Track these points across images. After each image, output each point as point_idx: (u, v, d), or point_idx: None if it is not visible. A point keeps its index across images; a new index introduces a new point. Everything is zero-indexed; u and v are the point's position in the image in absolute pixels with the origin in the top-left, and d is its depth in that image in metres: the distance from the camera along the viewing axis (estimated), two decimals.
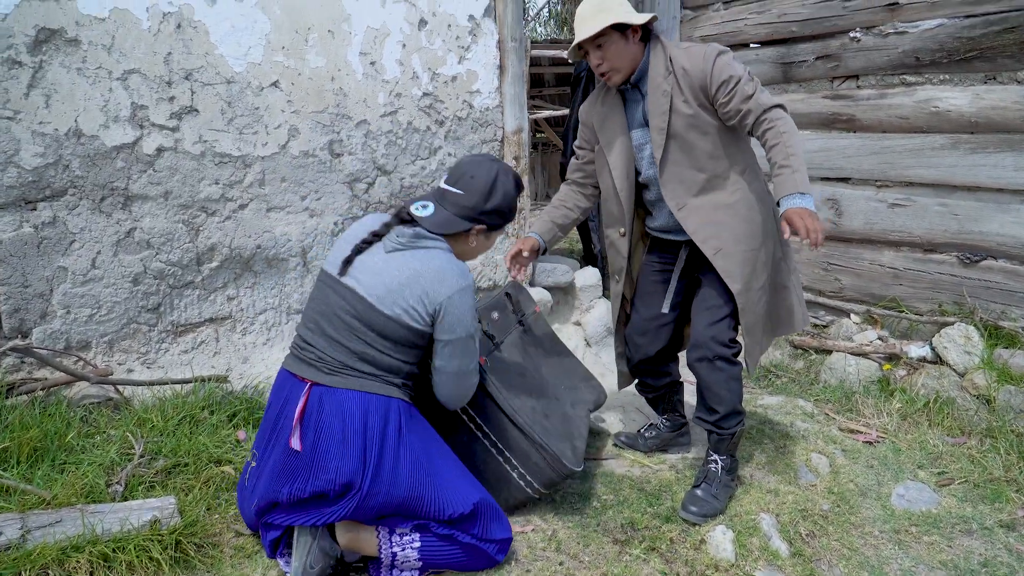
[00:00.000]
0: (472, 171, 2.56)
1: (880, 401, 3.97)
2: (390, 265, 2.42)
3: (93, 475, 2.64)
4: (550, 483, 2.85)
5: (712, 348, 2.92)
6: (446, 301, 2.40)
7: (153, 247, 3.25)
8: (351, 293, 2.42)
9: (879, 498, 3.24)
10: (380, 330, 2.39)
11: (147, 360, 3.31)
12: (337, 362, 2.41)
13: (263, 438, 2.51)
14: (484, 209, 2.56)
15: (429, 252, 2.45)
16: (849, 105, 4.41)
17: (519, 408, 2.82)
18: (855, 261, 4.57)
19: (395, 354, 2.43)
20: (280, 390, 2.51)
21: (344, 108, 3.65)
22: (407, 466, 2.40)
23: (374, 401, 2.39)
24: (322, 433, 2.36)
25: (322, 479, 2.32)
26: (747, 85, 2.68)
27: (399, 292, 2.38)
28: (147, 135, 3.16)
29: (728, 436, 3.02)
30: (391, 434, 2.40)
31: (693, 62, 2.75)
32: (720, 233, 2.87)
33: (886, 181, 4.34)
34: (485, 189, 2.55)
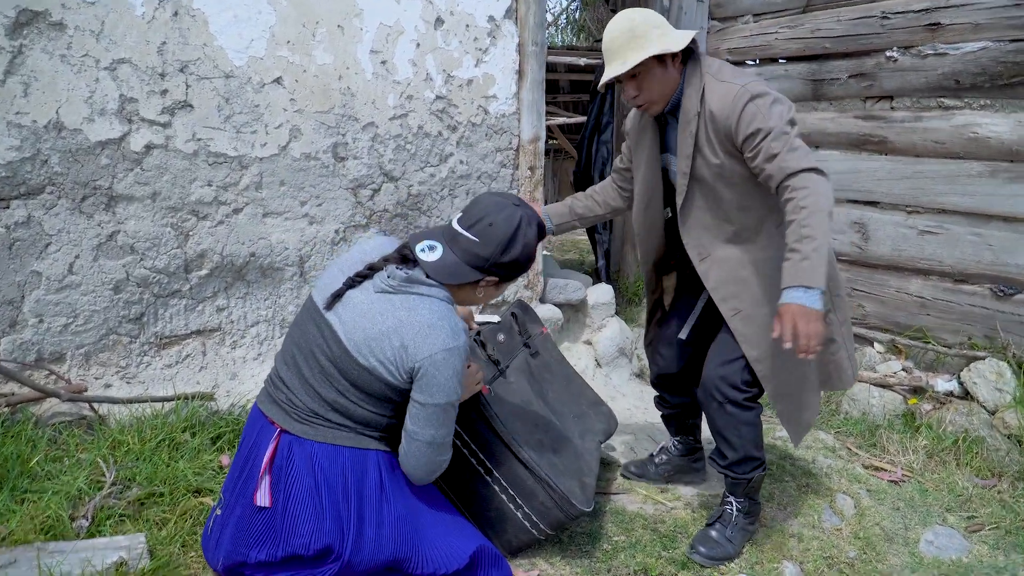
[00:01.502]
0: (492, 216, 2.21)
1: (905, 437, 3.85)
2: (374, 308, 2.12)
3: (57, 506, 2.40)
4: (557, 524, 2.64)
5: (722, 390, 2.69)
6: (427, 361, 2.08)
7: (137, 252, 3.01)
8: (330, 331, 2.14)
9: (907, 544, 3.11)
10: (353, 380, 2.13)
11: (127, 375, 3.07)
12: (308, 409, 2.16)
13: (230, 483, 2.27)
14: (500, 261, 2.23)
15: (421, 300, 2.14)
16: (881, 126, 4.26)
17: (524, 442, 2.61)
18: (880, 288, 4.42)
19: (369, 407, 2.17)
20: (251, 430, 2.26)
21: (351, 109, 3.42)
22: (391, 526, 2.17)
23: (348, 455, 2.15)
24: (293, 488, 2.12)
25: (295, 543, 2.09)
26: (775, 142, 2.33)
27: (377, 341, 2.09)
28: (136, 131, 2.93)
29: (743, 481, 2.82)
30: (370, 492, 2.16)
31: (723, 107, 2.42)
32: (741, 293, 2.62)
33: (917, 207, 4.19)
34: (504, 240, 2.21)
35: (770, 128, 2.33)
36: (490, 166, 3.91)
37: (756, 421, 2.77)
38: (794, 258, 2.25)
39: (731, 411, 2.71)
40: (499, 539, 2.63)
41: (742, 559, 2.80)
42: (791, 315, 2.23)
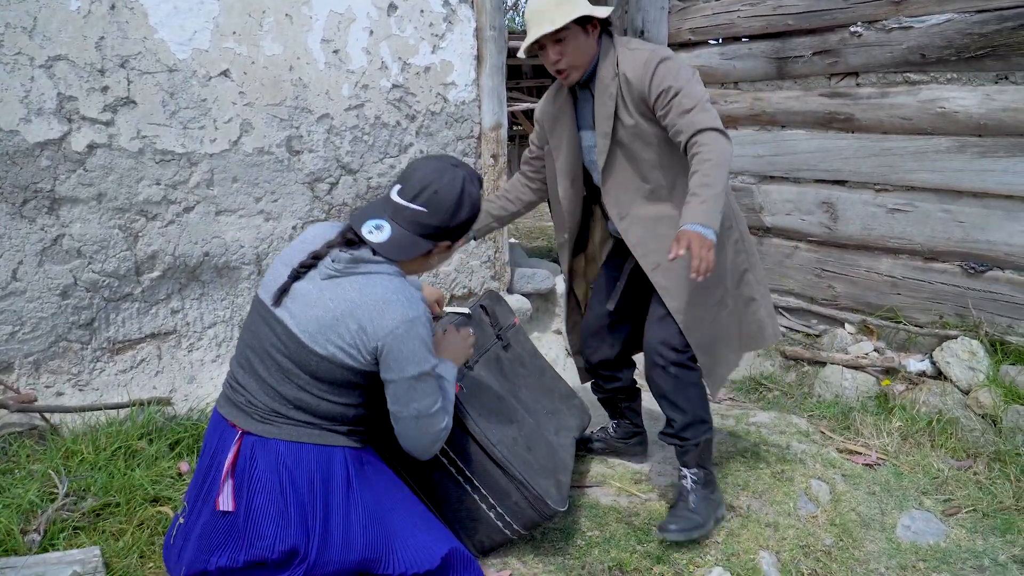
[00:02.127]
0: (435, 183, 2.14)
1: (879, 419, 3.81)
2: (324, 296, 2.05)
3: (7, 521, 2.30)
4: (531, 524, 2.58)
5: (662, 353, 2.73)
6: (389, 337, 2.02)
7: (85, 256, 2.90)
8: (282, 328, 2.06)
9: (883, 530, 3.08)
10: (313, 372, 2.05)
11: (79, 382, 2.97)
12: (268, 408, 2.09)
13: (194, 491, 2.19)
14: (450, 226, 2.18)
15: (370, 279, 2.07)
16: (848, 104, 4.21)
17: (498, 441, 2.53)
18: (850, 268, 4.39)
19: (334, 398, 2.10)
20: (212, 436, 2.19)
21: (304, 101, 3.32)
22: (359, 526, 2.10)
23: (313, 453, 2.08)
24: (256, 491, 2.04)
25: (258, 546, 2.01)
26: (685, 99, 2.43)
27: (332, 328, 2.02)
28: (76, 130, 2.82)
29: (693, 447, 2.82)
30: (337, 491, 2.09)
31: (635, 69, 2.54)
32: (661, 248, 2.64)
33: (886, 185, 4.16)
34: (452, 205, 2.15)
35: (680, 87, 2.45)
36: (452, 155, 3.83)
37: (699, 382, 2.81)
38: (694, 201, 2.33)
39: (675, 373, 2.73)
40: (471, 539, 2.56)
41: (718, 550, 2.76)
42: (687, 237, 2.29)
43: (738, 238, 2.81)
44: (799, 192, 4.48)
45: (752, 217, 4.69)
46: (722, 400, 4.17)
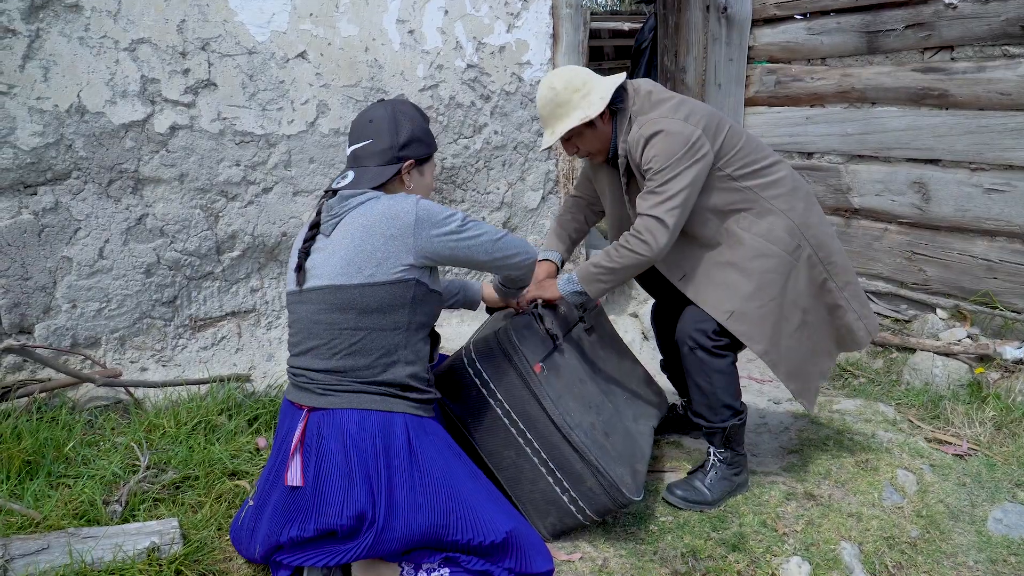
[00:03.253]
0: (367, 116, 2.34)
1: (971, 408, 3.64)
2: (335, 243, 2.17)
3: (91, 491, 2.39)
4: (604, 511, 2.54)
5: (693, 336, 2.76)
6: (415, 223, 2.15)
7: (167, 235, 2.98)
8: (317, 292, 2.17)
9: (973, 522, 2.95)
10: (360, 305, 2.13)
11: (162, 358, 3.05)
12: (331, 377, 2.15)
13: (266, 477, 2.24)
14: (400, 143, 2.31)
15: (364, 205, 2.20)
16: (942, 79, 4.02)
17: (576, 424, 2.50)
18: (943, 251, 4.20)
19: (385, 325, 2.16)
20: (282, 424, 2.26)
21: (379, 81, 3.33)
22: (424, 493, 2.10)
23: (375, 419, 2.12)
24: (323, 463, 2.08)
25: (328, 515, 2.03)
26: (651, 182, 2.55)
27: (358, 256, 2.13)
28: (159, 112, 2.88)
29: (717, 430, 2.84)
30: (399, 456, 2.11)
31: (633, 146, 2.61)
32: (729, 295, 2.71)
33: (982, 163, 3.97)
34: (389, 123, 2.31)
35: (657, 168, 2.53)
36: (526, 135, 3.79)
37: (728, 370, 2.81)
38: (594, 258, 2.63)
39: (700, 356, 2.76)
40: (542, 522, 2.55)
41: (796, 539, 2.67)
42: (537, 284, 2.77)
43: (810, 253, 2.78)
44: (889, 172, 4.31)
45: (839, 198, 4.53)
46: None
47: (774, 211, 2.73)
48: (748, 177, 2.71)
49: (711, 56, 4.90)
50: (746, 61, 4.78)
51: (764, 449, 3.26)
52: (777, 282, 2.72)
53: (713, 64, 4.90)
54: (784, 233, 2.73)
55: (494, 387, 2.51)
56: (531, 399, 2.49)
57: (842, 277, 2.84)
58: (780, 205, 2.74)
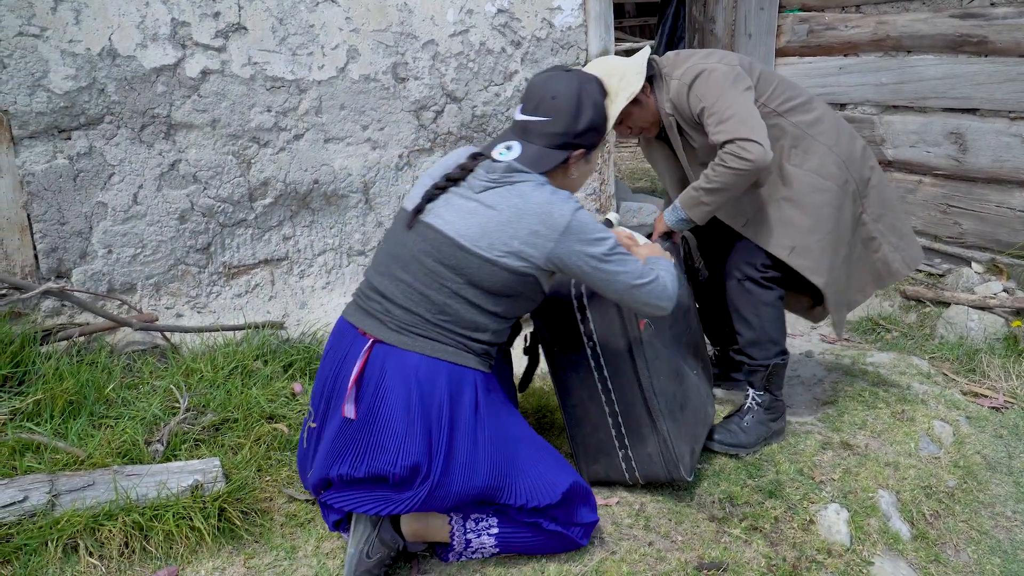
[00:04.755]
0: (550, 90, 2.15)
1: (1008, 361, 3.62)
2: (485, 203, 2.04)
3: (132, 432, 2.40)
4: (653, 479, 2.53)
5: (741, 268, 2.81)
6: (565, 232, 2.02)
7: (200, 181, 2.96)
8: (436, 234, 2.05)
9: (1011, 473, 2.95)
10: (472, 276, 2.03)
11: (197, 304, 3.06)
12: (410, 317, 2.05)
13: (320, 395, 2.16)
14: (578, 131, 2.16)
15: (527, 186, 2.06)
16: (981, 25, 3.92)
17: (660, 391, 2.44)
18: (979, 203, 4.14)
19: (485, 305, 2.06)
20: (339, 344, 2.15)
21: (409, 26, 3.28)
22: (486, 451, 2.05)
23: (446, 371, 2.02)
24: (383, 402, 2.01)
25: (381, 460, 1.98)
26: (712, 116, 2.51)
27: (499, 232, 2.01)
28: (190, 56, 2.85)
29: (760, 368, 2.85)
30: (464, 413, 2.03)
31: (677, 101, 2.63)
32: (789, 231, 2.72)
33: (1022, 112, 3.88)
34: (572, 107, 2.14)
35: (709, 104, 2.52)
36: None
37: (775, 303, 2.83)
38: (691, 187, 2.61)
39: (749, 287, 2.79)
40: (587, 467, 2.54)
41: (834, 487, 2.66)
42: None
43: (854, 188, 2.80)
44: (925, 122, 4.23)
45: (873, 150, 4.44)
46: (836, 340, 4.02)
47: (822, 146, 2.73)
48: (792, 113, 2.70)
49: (741, 5, 4.81)
50: (777, 10, 4.68)
51: (798, 400, 3.24)
52: (832, 216, 2.73)
53: (743, 13, 4.80)
54: (835, 167, 2.73)
55: (593, 328, 2.42)
56: (626, 354, 2.42)
57: (875, 209, 2.85)
58: (826, 140, 2.73)
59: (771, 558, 2.32)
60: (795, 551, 2.35)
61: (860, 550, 2.42)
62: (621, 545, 2.30)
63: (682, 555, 2.29)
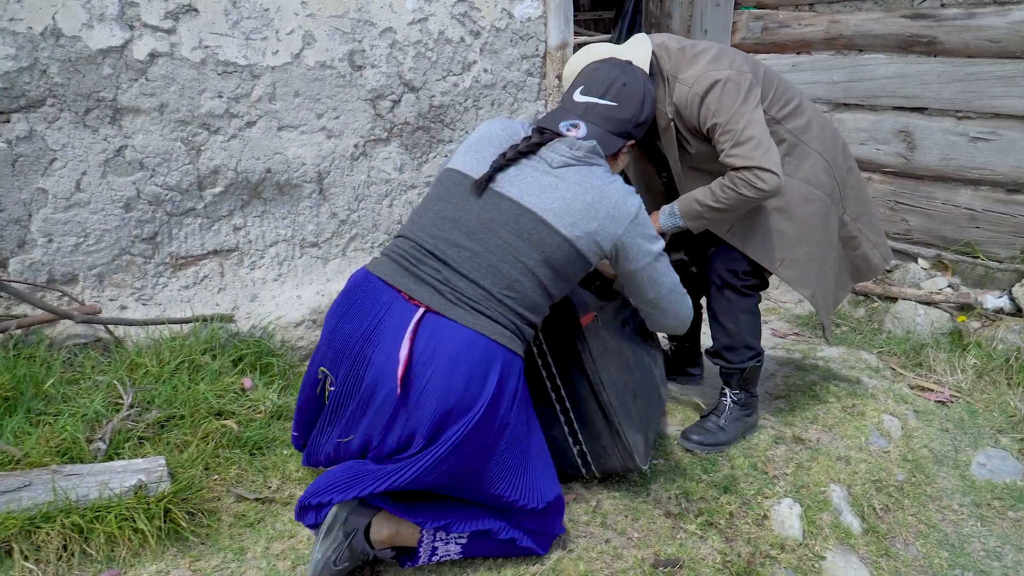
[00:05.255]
0: (620, 77, 2.19)
1: (953, 356, 3.70)
2: (567, 179, 2.02)
3: (73, 429, 2.31)
4: (609, 471, 2.54)
5: (722, 275, 2.78)
6: (634, 222, 2.06)
7: (147, 168, 2.86)
8: (514, 205, 1.97)
9: (957, 467, 3.02)
10: (550, 254, 1.98)
11: (143, 296, 2.95)
12: (474, 290, 1.93)
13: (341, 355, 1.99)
14: (639, 121, 2.22)
15: (602, 170, 2.09)
16: (931, 26, 3.98)
17: (609, 382, 2.42)
18: (926, 200, 4.22)
19: (551, 286, 2.02)
20: (372, 302, 1.98)
21: (367, 13, 3.21)
22: (507, 442, 2.00)
23: (502, 356, 1.93)
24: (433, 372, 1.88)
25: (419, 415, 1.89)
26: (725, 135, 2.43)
27: (583, 212, 1.99)
28: (138, 37, 2.75)
29: (736, 371, 2.87)
30: (505, 402, 1.95)
31: (684, 105, 2.51)
32: (777, 243, 2.70)
33: (968, 112, 3.96)
34: (640, 97, 2.20)
35: (724, 121, 2.43)
36: (516, 75, 3.70)
37: (754, 310, 2.84)
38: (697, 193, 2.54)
39: (728, 295, 2.79)
40: None
41: (787, 482, 2.69)
42: None
43: (839, 194, 2.80)
44: (875, 120, 4.29)
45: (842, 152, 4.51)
46: (787, 335, 4.07)
47: (812, 152, 2.71)
48: (788, 119, 2.67)
49: (697, 1, 4.81)
50: (733, 7, 4.70)
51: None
52: (820, 226, 2.73)
53: (699, 9, 4.81)
54: (824, 176, 2.72)
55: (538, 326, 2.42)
56: (572, 350, 2.41)
57: (854, 209, 2.86)
58: (817, 145, 2.72)
59: (726, 554, 2.33)
60: (749, 547, 2.37)
61: (813, 545, 2.45)
62: (578, 543, 2.29)
63: (639, 552, 2.28)
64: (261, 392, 2.71)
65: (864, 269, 3.00)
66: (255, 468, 2.47)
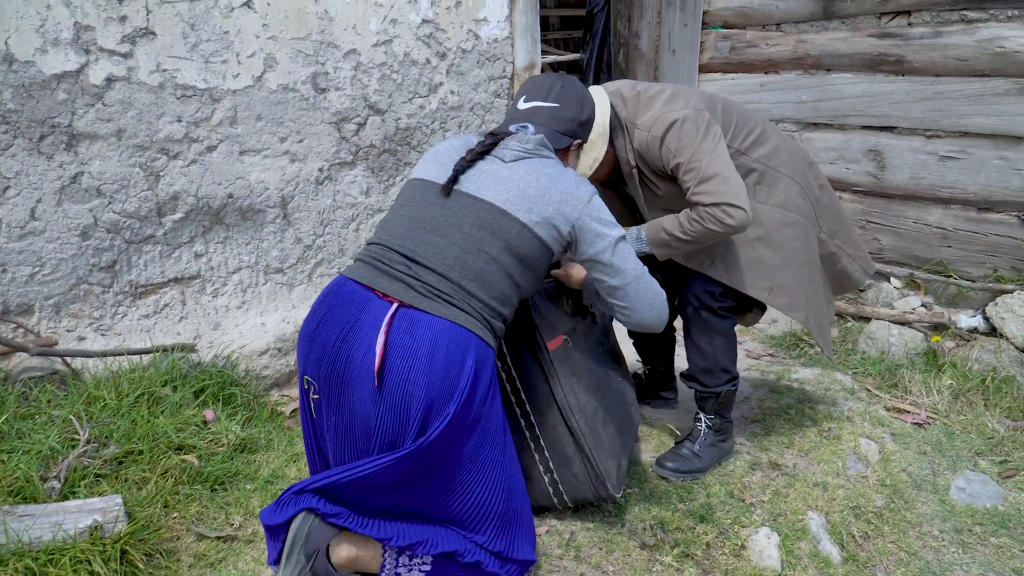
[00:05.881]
0: (557, 82, 2.33)
1: (928, 377, 3.66)
2: (519, 171, 2.10)
3: (27, 467, 2.21)
4: (581, 500, 2.46)
5: (700, 297, 2.73)
6: (588, 206, 2.10)
7: (105, 195, 2.78)
8: (474, 200, 2.05)
9: (936, 491, 2.97)
10: (511, 241, 2.03)
11: (101, 327, 2.86)
12: (443, 283, 1.96)
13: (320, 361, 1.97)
14: (581, 120, 2.34)
15: (552, 161, 2.18)
16: (898, 45, 3.98)
17: (578, 408, 2.37)
18: (897, 219, 4.21)
19: (516, 275, 2.05)
20: (347, 305, 1.98)
21: (330, 35, 3.16)
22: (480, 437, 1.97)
23: (476, 345, 1.94)
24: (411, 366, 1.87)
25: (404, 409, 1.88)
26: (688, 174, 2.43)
27: (537, 198, 2.06)
28: (94, 62, 2.67)
29: (711, 395, 2.82)
30: (481, 391, 1.94)
31: (645, 146, 2.53)
32: (763, 271, 2.67)
33: (937, 131, 3.96)
34: (579, 97, 2.34)
35: (685, 160, 2.43)
36: (483, 96, 3.66)
37: (730, 333, 2.80)
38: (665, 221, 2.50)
39: (705, 317, 2.74)
40: None
41: (764, 510, 2.63)
42: None
43: (814, 214, 2.79)
44: (844, 139, 4.29)
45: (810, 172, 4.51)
46: (761, 356, 4.03)
47: (783, 177, 2.69)
48: (752, 148, 2.65)
49: (665, 21, 4.81)
50: (700, 26, 4.69)
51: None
52: (802, 248, 2.72)
53: (668, 29, 4.81)
54: (799, 198, 2.71)
55: (506, 351, 2.37)
56: (540, 375, 2.36)
57: (830, 226, 2.85)
58: (787, 170, 2.70)
59: None
60: None
61: (791, 575, 2.39)
62: None
63: None
64: (224, 424, 2.63)
65: (844, 283, 3.00)
66: (217, 504, 2.39)
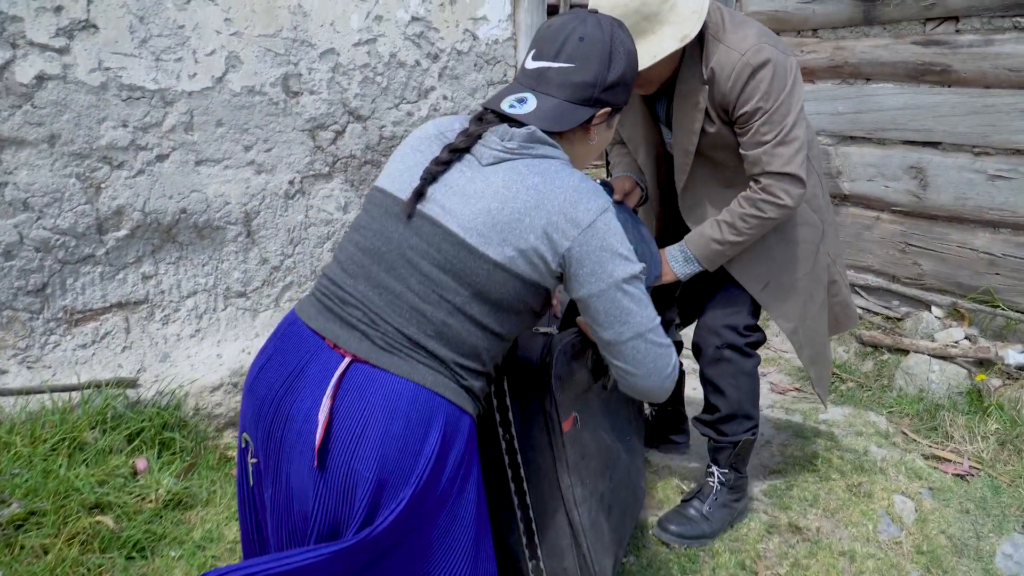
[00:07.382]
0: (577, 30, 1.68)
1: (972, 420, 3.32)
2: (493, 183, 1.54)
3: None
4: None
5: (722, 334, 2.45)
6: (587, 234, 1.54)
7: (33, 209, 2.47)
8: (434, 228, 1.52)
9: (979, 558, 2.61)
10: (480, 286, 1.53)
11: (28, 358, 2.54)
12: (399, 334, 1.53)
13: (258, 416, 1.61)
14: (608, 82, 1.68)
15: (552, 163, 1.59)
16: (945, 53, 3.65)
17: (583, 499, 2.01)
18: (940, 243, 3.86)
19: (490, 324, 1.57)
20: (295, 348, 1.60)
21: (304, 32, 2.84)
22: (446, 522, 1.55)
23: (444, 409, 1.51)
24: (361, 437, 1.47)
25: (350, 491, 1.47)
26: (765, 126, 2.13)
27: (513, 224, 1.52)
28: (22, 57, 2.37)
29: (728, 445, 2.53)
30: (450, 469, 1.53)
31: (722, 77, 2.14)
32: (766, 264, 2.40)
33: (986, 147, 3.63)
34: (605, 51, 1.67)
35: (767, 109, 2.13)
36: (481, 102, 3.32)
37: (755, 372, 2.53)
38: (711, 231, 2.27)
39: (729, 355, 2.46)
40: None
41: None
42: None
43: (824, 229, 2.52)
44: (884, 155, 3.95)
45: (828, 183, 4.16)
46: (787, 391, 3.67)
47: (815, 172, 2.40)
48: None
49: None
50: None
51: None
52: (811, 255, 2.46)
53: None
54: (822, 200, 2.48)
55: (512, 417, 1.96)
56: (548, 455, 1.97)
57: (834, 249, 2.60)
58: (817, 165, 2.43)
59: None
60: None
61: None
62: None
63: None
64: (155, 476, 2.29)
65: (842, 318, 2.70)
66: None
